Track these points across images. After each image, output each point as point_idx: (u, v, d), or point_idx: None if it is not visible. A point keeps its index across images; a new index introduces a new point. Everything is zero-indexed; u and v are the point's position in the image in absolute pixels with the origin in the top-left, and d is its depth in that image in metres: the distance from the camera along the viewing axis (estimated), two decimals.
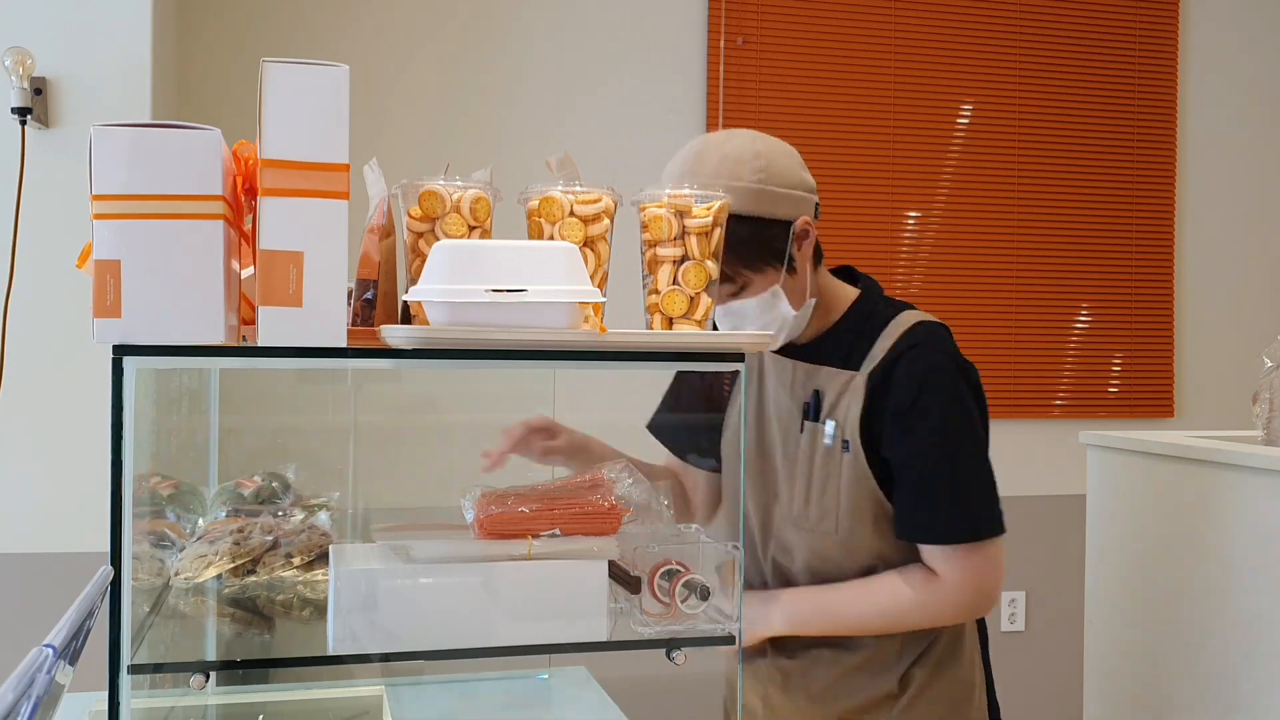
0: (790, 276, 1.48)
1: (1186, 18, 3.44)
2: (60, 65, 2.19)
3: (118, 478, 1.02)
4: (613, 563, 1.23)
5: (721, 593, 1.25)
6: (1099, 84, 3.35)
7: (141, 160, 1.00)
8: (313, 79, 1.03)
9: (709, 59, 3.07)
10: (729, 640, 1.25)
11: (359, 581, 1.15)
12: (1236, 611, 1.87)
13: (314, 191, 1.03)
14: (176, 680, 1.25)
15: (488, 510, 1.25)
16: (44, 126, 2.18)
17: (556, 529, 1.23)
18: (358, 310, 1.20)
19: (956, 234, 3.29)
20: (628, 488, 1.31)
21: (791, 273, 1.48)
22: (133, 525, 1.03)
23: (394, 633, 1.15)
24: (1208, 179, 3.48)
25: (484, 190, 1.16)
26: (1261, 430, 2.02)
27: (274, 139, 1.02)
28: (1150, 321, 3.44)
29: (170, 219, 1.00)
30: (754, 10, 3.08)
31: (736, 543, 1.24)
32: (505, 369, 1.18)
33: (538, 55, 2.97)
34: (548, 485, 1.35)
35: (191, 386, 1.54)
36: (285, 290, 1.03)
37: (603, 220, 1.19)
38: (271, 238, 1.03)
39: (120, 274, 0.99)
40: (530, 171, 1.27)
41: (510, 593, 1.19)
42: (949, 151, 3.27)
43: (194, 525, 1.41)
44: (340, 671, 1.74)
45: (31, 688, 0.70)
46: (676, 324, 1.18)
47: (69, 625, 0.82)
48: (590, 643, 1.21)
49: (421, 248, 1.15)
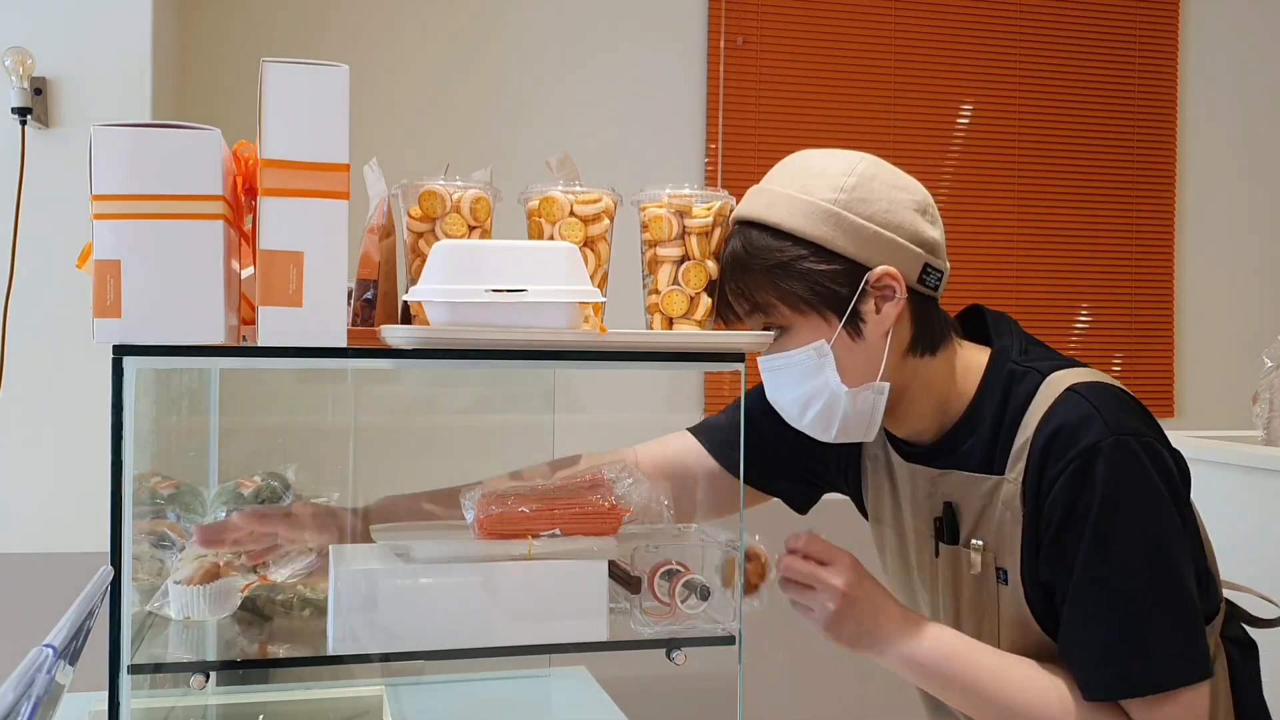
0: (850, 340, 1.14)
1: (1186, 18, 3.44)
2: (60, 65, 2.19)
3: (118, 478, 1.02)
4: (613, 563, 1.23)
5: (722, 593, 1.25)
6: (1099, 84, 3.35)
7: (141, 160, 1.00)
8: (313, 79, 1.03)
9: (709, 59, 3.07)
10: (729, 640, 1.25)
11: (359, 581, 1.15)
12: None
13: (314, 191, 1.03)
14: (176, 680, 1.25)
15: (488, 510, 1.25)
16: (44, 126, 2.18)
17: (556, 529, 1.23)
18: (358, 310, 1.20)
19: (956, 234, 3.29)
20: (628, 488, 1.31)
21: (854, 335, 1.14)
22: (133, 525, 1.03)
23: (394, 633, 1.15)
24: (1208, 179, 3.48)
25: (484, 190, 1.16)
26: (1261, 430, 2.02)
27: (274, 139, 1.02)
28: (1150, 321, 3.44)
29: (170, 219, 1.00)
30: (754, 10, 3.08)
31: (736, 542, 1.23)
32: (505, 369, 1.18)
33: (538, 55, 2.97)
34: (548, 485, 1.35)
35: (191, 386, 1.54)
36: (285, 290, 1.03)
37: (603, 220, 1.19)
38: (271, 238, 1.03)
39: (120, 274, 0.99)
40: (530, 171, 1.27)
41: (510, 593, 1.19)
42: (949, 151, 3.26)
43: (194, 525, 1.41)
44: (340, 671, 1.75)
45: (31, 688, 0.70)
46: (676, 324, 1.18)
47: (69, 625, 0.82)
48: (590, 643, 1.21)
49: (421, 248, 1.15)
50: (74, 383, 2.17)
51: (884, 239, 1.13)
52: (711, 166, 3.04)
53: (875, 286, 1.13)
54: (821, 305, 1.13)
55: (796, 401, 1.18)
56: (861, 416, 1.17)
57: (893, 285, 1.13)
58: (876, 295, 1.13)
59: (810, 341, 1.14)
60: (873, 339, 1.14)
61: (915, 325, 1.17)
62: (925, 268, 1.14)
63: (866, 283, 1.12)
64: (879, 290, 1.13)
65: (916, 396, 1.20)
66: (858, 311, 1.13)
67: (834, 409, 1.16)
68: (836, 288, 1.12)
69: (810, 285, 1.12)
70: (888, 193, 1.15)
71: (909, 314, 1.16)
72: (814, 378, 1.14)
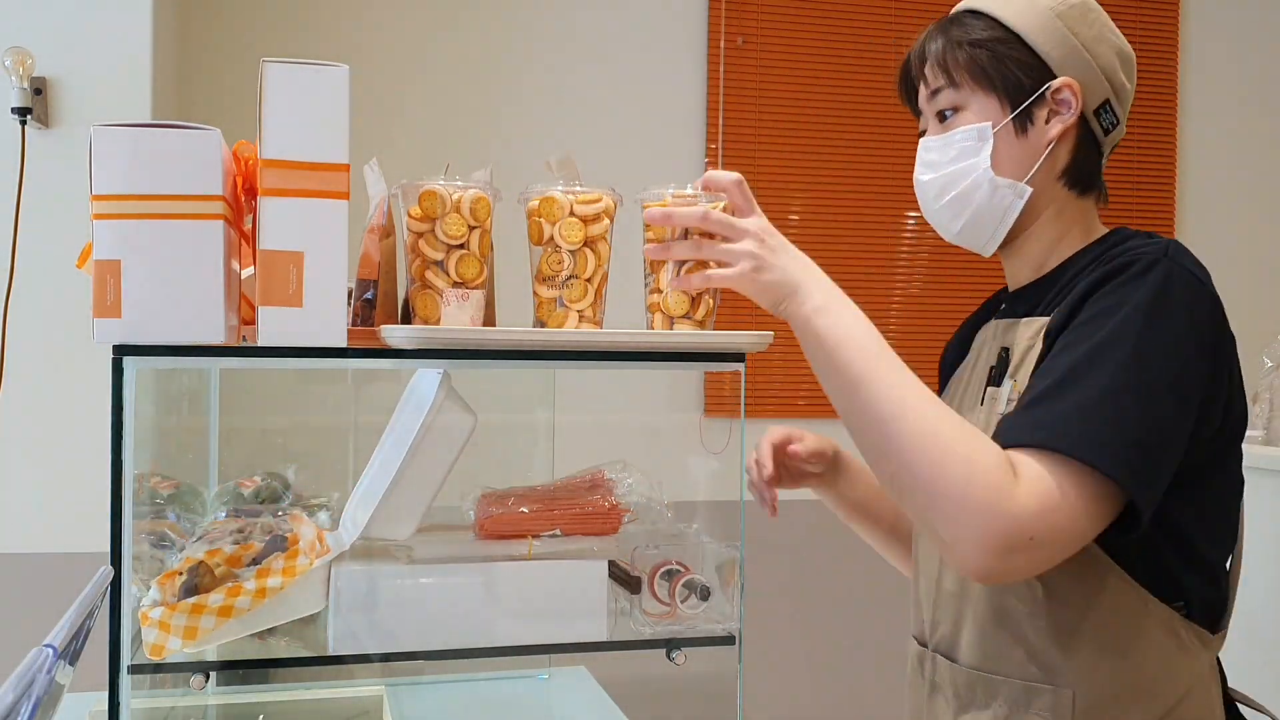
0: (1014, 133, 1.16)
1: (1186, 18, 3.44)
2: (60, 65, 2.19)
3: (118, 478, 1.02)
4: (613, 563, 1.24)
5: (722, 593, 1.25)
6: None
7: (141, 160, 1.00)
8: (313, 79, 1.03)
9: (709, 59, 3.07)
10: (729, 640, 1.25)
11: (359, 581, 1.15)
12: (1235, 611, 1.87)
13: (314, 191, 1.03)
14: (176, 680, 1.25)
15: (488, 511, 1.25)
16: (44, 126, 2.18)
17: (557, 529, 1.23)
18: (358, 310, 1.20)
19: None
20: (628, 488, 1.31)
21: (1020, 131, 1.17)
22: (133, 525, 1.03)
23: (394, 633, 1.15)
24: (1208, 179, 3.48)
25: (484, 190, 1.16)
26: (1261, 430, 2.02)
27: (274, 139, 1.02)
28: None
29: (170, 219, 1.00)
30: (754, 10, 3.08)
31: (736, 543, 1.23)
32: (505, 369, 1.18)
33: (538, 55, 2.97)
34: (548, 486, 1.35)
35: (191, 386, 1.54)
36: (285, 290, 1.03)
37: (603, 220, 1.19)
38: (271, 238, 1.03)
39: (120, 274, 0.99)
40: (530, 171, 1.27)
41: (510, 593, 1.19)
42: None
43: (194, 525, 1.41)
44: (340, 671, 1.75)
45: (31, 688, 0.70)
46: (677, 324, 1.18)
47: (69, 625, 0.82)
48: (590, 643, 1.22)
49: (421, 248, 1.15)
50: (74, 383, 2.17)
51: (1081, 57, 1.16)
52: (711, 166, 3.04)
53: (1055, 95, 1.16)
54: (1002, 88, 1.17)
55: (940, 180, 1.21)
56: (993, 214, 1.19)
57: (1070, 100, 1.16)
58: (1054, 102, 1.17)
59: (978, 120, 1.17)
60: (1035, 141, 1.17)
61: (1074, 155, 1.20)
62: (1105, 104, 1.18)
63: (1049, 87, 1.16)
64: (1057, 100, 1.17)
65: (1041, 229, 1.21)
66: (1030, 112, 1.17)
67: (970, 196, 1.18)
68: (1022, 76, 1.16)
69: (999, 63, 1.16)
70: (1102, 25, 1.19)
71: (1073, 140, 1.19)
72: (969, 157, 1.18)
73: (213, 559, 1.14)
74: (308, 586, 1.11)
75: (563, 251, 1.17)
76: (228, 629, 1.07)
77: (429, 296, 1.14)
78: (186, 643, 1.05)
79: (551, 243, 1.18)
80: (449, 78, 2.91)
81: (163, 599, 1.08)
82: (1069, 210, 1.21)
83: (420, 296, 1.14)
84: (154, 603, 1.07)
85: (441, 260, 1.14)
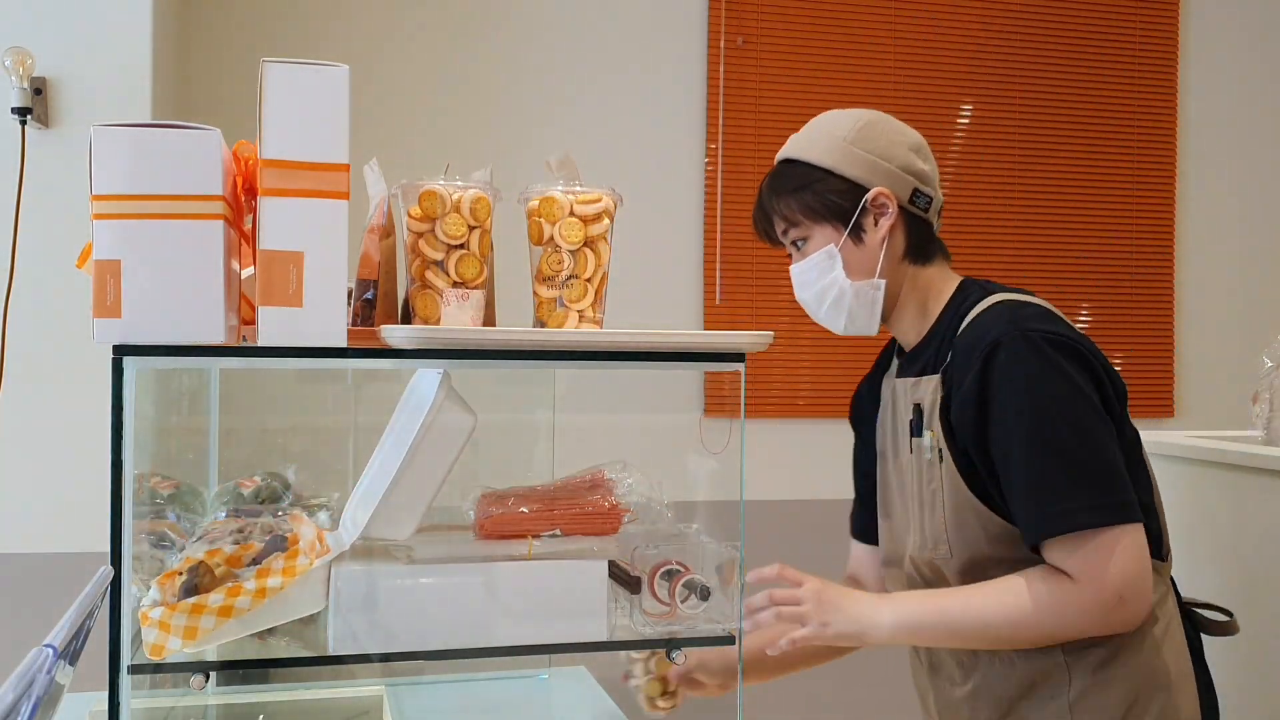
0: (854, 245, 1.41)
1: (1186, 18, 3.44)
2: (60, 65, 2.19)
3: (118, 478, 1.02)
4: (613, 563, 1.24)
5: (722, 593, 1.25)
6: (1099, 84, 3.35)
7: (141, 160, 1.00)
8: (312, 79, 1.03)
9: (709, 59, 3.07)
10: (729, 640, 1.25)
11: (359, 581, 1.15)
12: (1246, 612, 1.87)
13: (314, 191, 1.03)
14: (176, 680, 1.25)
15: (488, 511, 1.25)
16: (44, 126, 2.18)
17: (557, 529, 1.23)
18: (358, 310, 1.20)
19: (956, 234, 3.29)
20: (628, 488, 1.31)
21: (857, 241, 1.41)
22: (133, 525, 1.03)
23: (394, 633, 1.15)
24: (1208, 179, 3.48)
25: (484, 190, 1.16)
26: (1261, 430, 2.02)
27: (274, 139, 1.02)
28: (1150, 321, 3.44)
29: (170, 219, 1.00)
30: (754, 10, 3.08)
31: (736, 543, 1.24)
32: (505, 369, 1.18)
33: (538, 55, 2.97)
34: (548, 486, 1.35)
35: (191, 386, 1.54)
36: (285, 290, 1.03)
37: (603, 220, 1.19)
38: (271, 238, 1.03)
39: (120, 274, 0.99)
40: (530, 171, 1.27)
41: (510, 593, 1.19)
42: (949, 151, 3.26)
43: (194, 525, 1.41)
44: (340, 671, 1.74)
45: (31, 688, 0.70)
46: None
47: (69, 625, 0.82)
48: (590, 643, 1.22)
49: (421, 248, 1.15)
50: (74, 383, 2.17)
51: (881, 167, 1.41)
52: (711, 166, 3.05)
53: (873, 203, 1.40)
54: (832, 216, 1.41)
55: (816, 295, 1.45)
56: (863, 308, 1.44)
57: (886, 203, 1.41)
58: (874, 210, 1.41)
59: (824, 246, 1.42)
60: (871, 245, 1.42)
61: (908, 237, 1.44)
62: (915, 191, 1.43)
63: (866, 200, 1.40)
64: (876, 206, 1.41)
65: (907, 300, 1.47)
66: (860, 223, 1.41)
67: (841, 301, 1.43)
68: (842, 201, 1.41)
69: (820, 199, 1.41)
70: (892, 135, 1.43)
71: (903, 227, 1.43)
72: (827, 274, 1.43)
73: (213, 559, 1.14)
74: (308, 586, 1.11)
75: (563, 251, 1.17)
76: (228, 629, 1.07)
77: (429, 296, 1.14)
78: (186, 643, 1.05)
79: (551, 243, 1.18)
80: (449, 78, 2.91)
81: (163, 599, 1.08)
82: (920, 279, 1.46)
83: (420, 296, 1.14)
84: (154, 603, 1.07)
85: (441, 260, 1.14)
